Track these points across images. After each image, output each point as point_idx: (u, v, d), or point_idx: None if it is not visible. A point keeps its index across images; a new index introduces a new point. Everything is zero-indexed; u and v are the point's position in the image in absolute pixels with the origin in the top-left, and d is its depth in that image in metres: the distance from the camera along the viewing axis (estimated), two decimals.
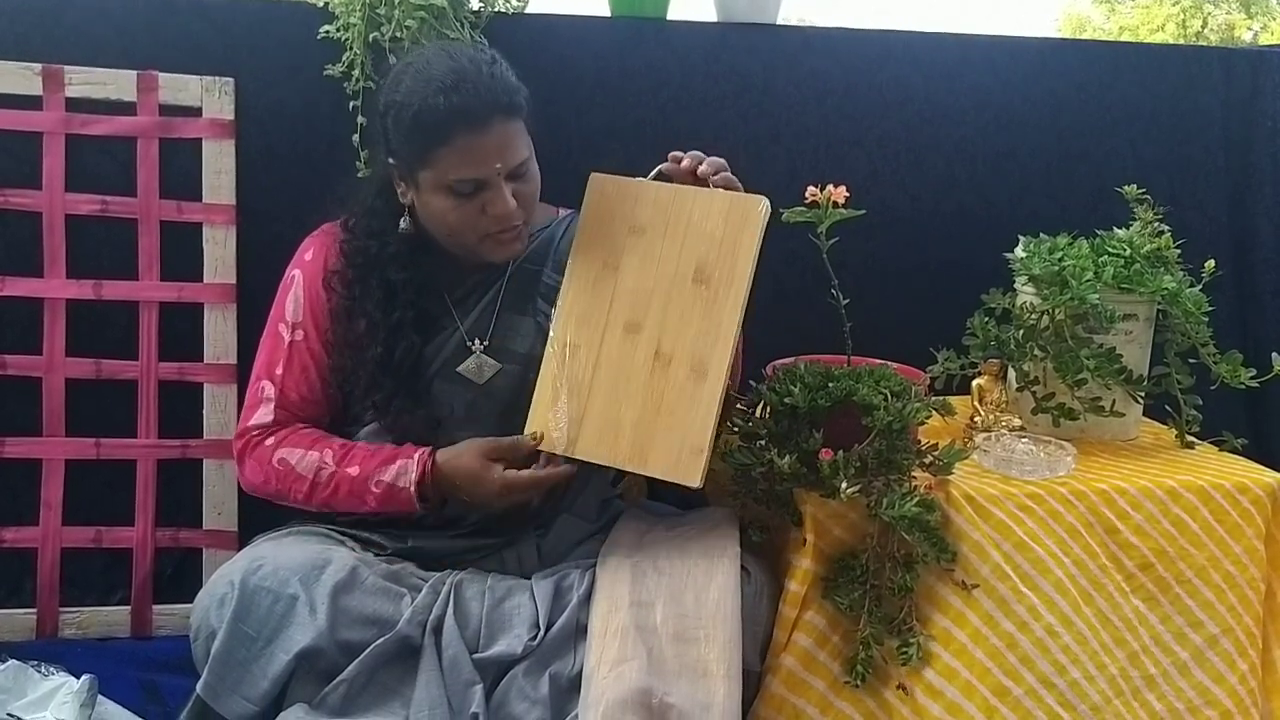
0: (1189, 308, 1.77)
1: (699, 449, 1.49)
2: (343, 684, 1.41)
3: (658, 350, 1.52)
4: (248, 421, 1.61)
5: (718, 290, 1.50)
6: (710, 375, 1.49)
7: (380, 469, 1.54)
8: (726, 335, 1.49)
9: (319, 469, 1.55)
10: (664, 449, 1.51)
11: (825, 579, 1.56)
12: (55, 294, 1.92)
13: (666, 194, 1.56)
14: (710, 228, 1.52)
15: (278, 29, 1.97)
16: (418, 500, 1.54)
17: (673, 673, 1.40)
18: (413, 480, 1.53)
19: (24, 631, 1.92)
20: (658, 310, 1.53)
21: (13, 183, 1.90)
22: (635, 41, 2.10)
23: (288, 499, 1.58)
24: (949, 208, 2.25)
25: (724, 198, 1.53)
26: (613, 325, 1.54)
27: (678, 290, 1.53)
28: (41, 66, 1.88)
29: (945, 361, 1.84)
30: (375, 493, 1.54)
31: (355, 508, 1.56)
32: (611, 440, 1.54)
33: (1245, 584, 1.61)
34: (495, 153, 1.49)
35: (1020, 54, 2.25)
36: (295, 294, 1.63)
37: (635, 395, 1.53)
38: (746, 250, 1.49)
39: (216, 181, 1.95)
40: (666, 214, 1.55)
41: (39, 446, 1.93)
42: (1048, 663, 1.50)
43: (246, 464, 1.60)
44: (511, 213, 1.53)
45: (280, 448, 1.57)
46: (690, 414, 1.50)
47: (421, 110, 1.47)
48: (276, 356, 1.62)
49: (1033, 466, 1.64)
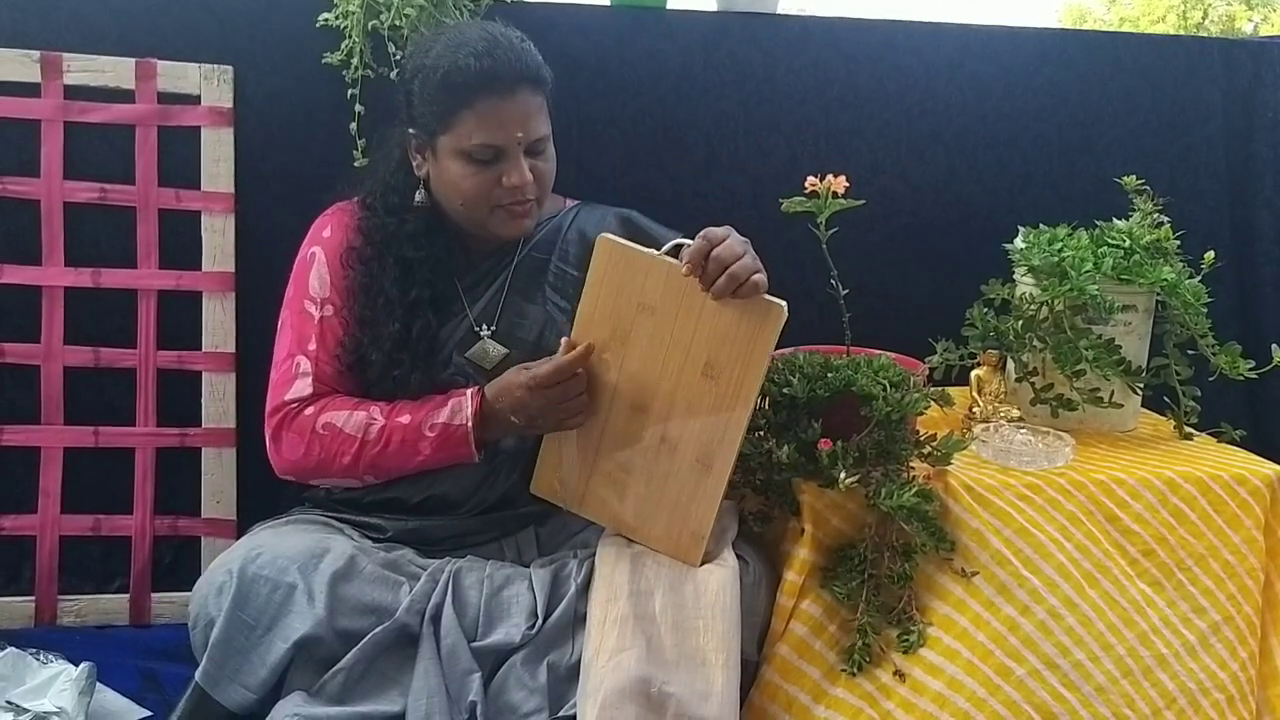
0: (1188, 299, 1.76)
1: (699, 536, 1.50)
2: (341, 672, 1.41)
3: (664, 435, 1.50)
4: (283, 396, 1.56)
5: (726, 390, 1.45)
6: (715, 470, 1.48)
7: (433, 412, 1.52)
8: (734, 435, 1.46)
9: (368, 425, 1.52)
10: (665, 528, 1.52)
11: (823, 568, 1.56)
12: (54, 282, 1.92)
13: (679, 278, 1.42)
14: (724, 325, 1.42)
15: (276, 17, 1.96)
16: (474, 439, 1.51)
17: (671, 662, 1.40)
18: (469, 414, 1.51)
19: (22, 619, 1.92)
20: (665, 395, 1.48)
21: (11, 170, 1.90)
22: (635, 31, 2.10)
23: (330, 469, 1.53)
24: (949, 198, 2.25)
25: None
26: (619, 400, 1.51)
27: (686, 381, 1.47)
28: (40, 54, 1.88)
29: (944, 352, 1.84)
30: (430, 437, 1.51)
31: (406, 461, 1.53)
32: (616, 507, 1.55)
33: (1245, 573, 1.61)
34: (517, 121, 1.51)
35: (1021, 44, 2.25)
36: (319, 270, 1.62)
37: (640, 471, 1.52)
38: (760, 356, 1.42)
39: (215, 169, 1.95)
40: (679, 298, 1.43)
41: (37, 434, 1.93)
42: (1051, 644, 1.50)
43: (284, 439, 1.54)
44: (526, 184, 1.53)
45: (323, 413, 1.53)
46: (692, 503, 1.50)
47: (451, 70, 1.49)
48: (308, 332, 1.59)
49: (1031, 457, 1.64)
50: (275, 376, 1.58)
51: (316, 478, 1.57)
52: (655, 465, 1.51)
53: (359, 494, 1.62)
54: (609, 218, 1.73)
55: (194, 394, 1.96)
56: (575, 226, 1.71)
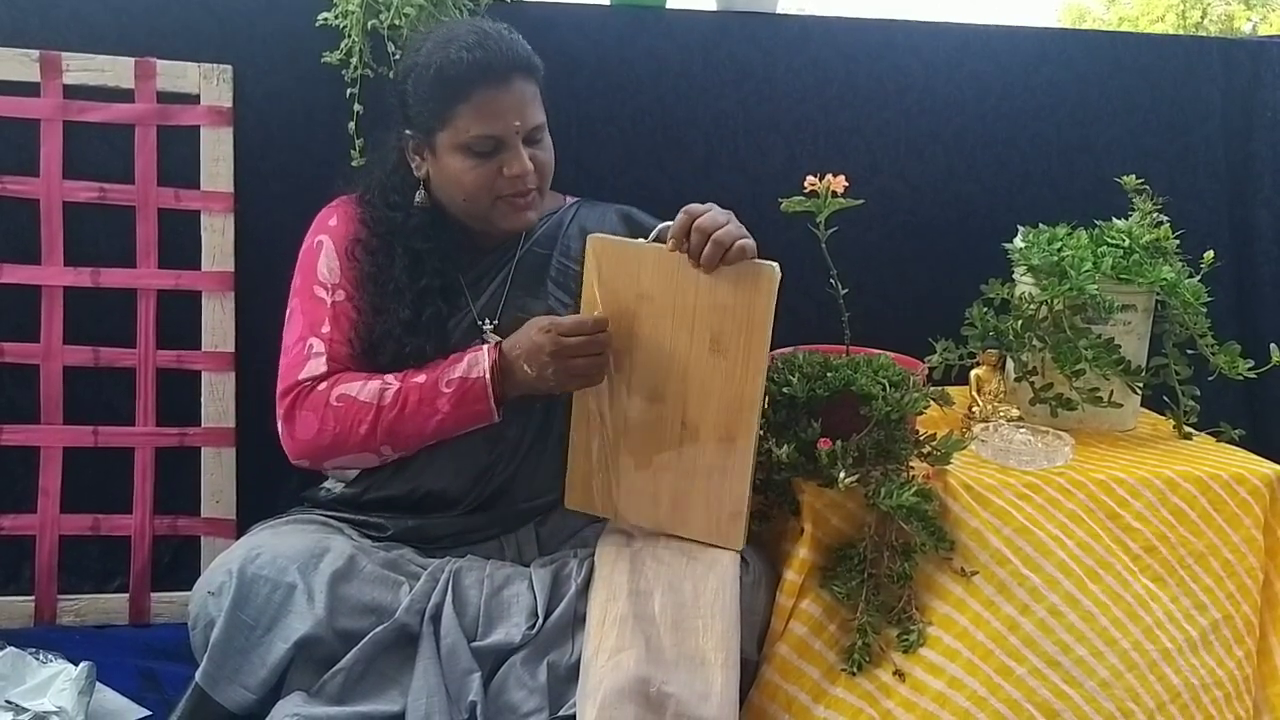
0: (1187, 298, 1.76)
1: (737, 514, 1.50)
2: (341, 672, 1.41)
3: (684, 420, 1.50)
4: (296, 376, 1.54)
5: (736, 362, 1.46)
6: (739, 443, 1.48)
7: (449, 368, 1.52)
8: (751, 404, 1.47)
9: (382, 390, 1.51)
10: (702, 515, 1.52)
11: (823, 568, 1.56)
12: (53, 281, 1.92)
13: (670, 261, 1.45)
14: (720, 297, 1.44)
15: (276, 16, 1.96)
16: (493, 392, 1.49)
17: (671, 662, 1.40)
18: (486, 367, 1.50)
19: (22, 619, 1.92)
20: (677, 381, 1.49)
21: (10, 170, 1.90)
22: (635, 30, 2.10)
23: (347, 443, 1.51)
24: (948, 197, 2.25)
25: (731, 266, 1.43)
26: (634, 394, 1.52)
27: (695, 361, 1.48)
28: (39, 53, 1.87)
29: (943, 351, 1.84)
30: (447, 393, 1.50)
31: (424, 423, 1.51)
32: (651, 506, 1.55)
33: (1244, 573, 1.62)
34: (514, 110, 1.52)
35: (1020, 44, 2.25)
36: (327, 257, 1.62)
37: (667, 463, 1.53)
38: (761, 321, 1.43)
39: (214, 169, 1.95)
40: (673, 280, 1.45)
41: (37, 434, 1.93)
42: (1051, 642, 1.50)
43: (298, 418, 1.53)
44: (528, 173, 1.54)
45: (337, 386, 1.52)
46: (724, 482, 1.50)
47: (444, 66, 1.50)
48: (320, 316, 1.58)
49: (1030, 457, 1.64)
50: (285, 361, 1.57)
51: (332, 456, 1.55)
52: (681, 453, 1.52)
53: (358, 492, 1.63)
54: (610, 213, 1.73)
55: (193, 393, 1.96)
56: (576, 222, 1.71)
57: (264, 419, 1.60)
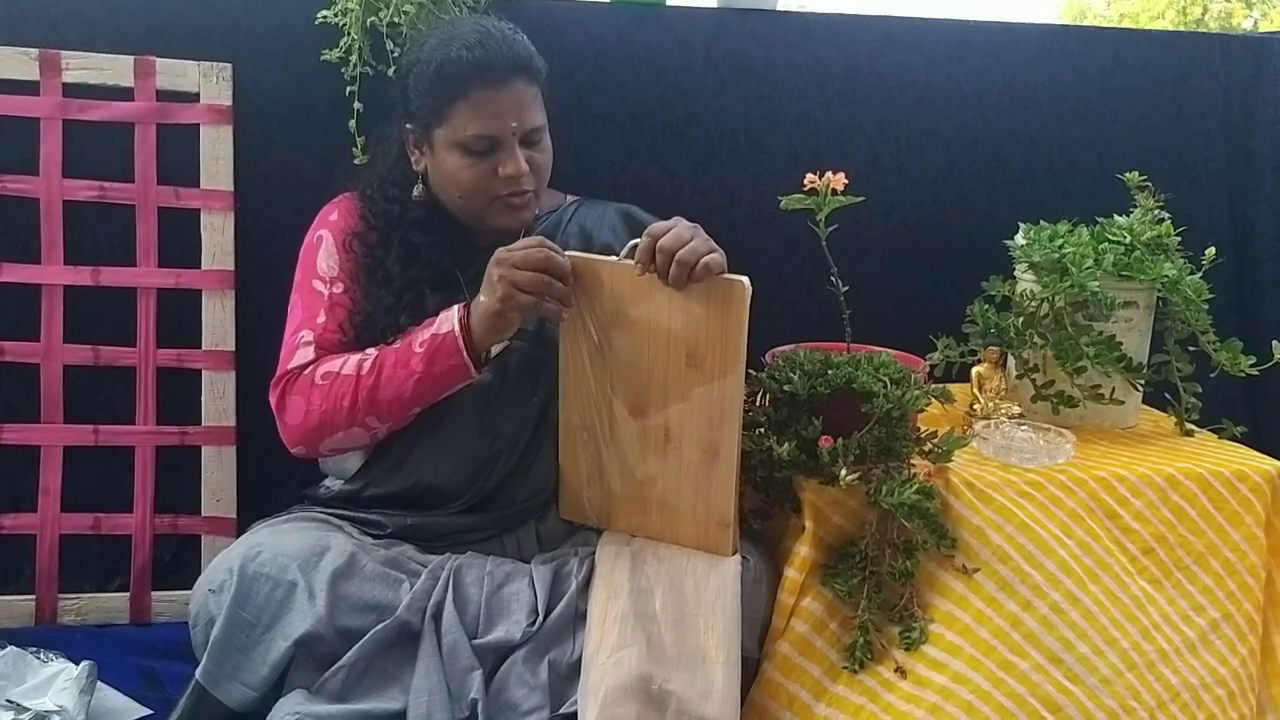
0: (1189, 295, 1.76)
1: (725, 523, 1.50)
2: (342, 670, 1.41)
3: (667, 433, 1.51)
4: (286, 366, 1.56)
5: (713, 375, 1.45)
6: (722, 455, 1.48)
7: (420, 331, 1.52)
8: (732, 416, 1.46)
9: (361, 361, 1.52)
10: (691, 524, 1.53)
11: (824, 566, 1.56)
12: (53, 280, 1.92)
13: (642, 278, 1.44)
14: (693, 313, 1.43)
15: (275, 14, 1.96)
16: (464, 344, 1.48)
17: (672, 659, 1.40)
18: (455, 320, 1.49)
19: (23, 618, 1.92)
20: (658, 395, 1.50)
21: (10, 168, 1.90)
22: (635, 27, 2.10)
23: (335, 420, 1.52)
24: (949, 194, 2.25)
25: (701, 283, 1.41)
26: (618, 408, 1.52)
27: (674, 376, 1.48)
28: (39, 51, 1.87)
29: (945, 349, 1.84)
30: (419, 353, 1.50)
31: (401, 387, 1.50)
32: (641, 515, 1.56)
33: (1245, 571, 1.61)
34: (512, 111, 1.52)
35: (1021, 40, 2.25)
36: (326, 252, 1.63)
37: (654, 474, 1.53)
38: (735, 336, 1.42)
39: (214, 167, 1.94)
40: (645, 297, 1.45)
41: (37, 433, 1.93)
42: (1054, 639, 1.50)
43: (288, 405, 1.55)
44: (522, 175, 1.54)
45: (319, 366, 1.54)
46: (710, 493, 1.50)
47: (444, 63, 1.51)
48: (316, 308, 1.60)
49: (1032, 454, 1.63)
50: (281, 355, 1.59)
51: (324, 436, 1.54)
52: (666, 464, 1.52)
53: (358, 489, 1.62)
54: (610, 212, 1.73)
55: (194, 392, 1.96)
56: (575, 221, 1.71)
57: (264, 418, 1.59)
